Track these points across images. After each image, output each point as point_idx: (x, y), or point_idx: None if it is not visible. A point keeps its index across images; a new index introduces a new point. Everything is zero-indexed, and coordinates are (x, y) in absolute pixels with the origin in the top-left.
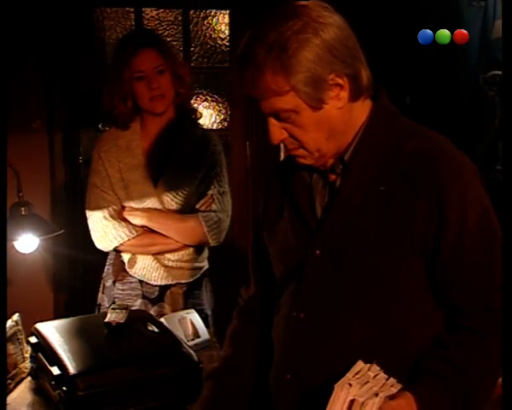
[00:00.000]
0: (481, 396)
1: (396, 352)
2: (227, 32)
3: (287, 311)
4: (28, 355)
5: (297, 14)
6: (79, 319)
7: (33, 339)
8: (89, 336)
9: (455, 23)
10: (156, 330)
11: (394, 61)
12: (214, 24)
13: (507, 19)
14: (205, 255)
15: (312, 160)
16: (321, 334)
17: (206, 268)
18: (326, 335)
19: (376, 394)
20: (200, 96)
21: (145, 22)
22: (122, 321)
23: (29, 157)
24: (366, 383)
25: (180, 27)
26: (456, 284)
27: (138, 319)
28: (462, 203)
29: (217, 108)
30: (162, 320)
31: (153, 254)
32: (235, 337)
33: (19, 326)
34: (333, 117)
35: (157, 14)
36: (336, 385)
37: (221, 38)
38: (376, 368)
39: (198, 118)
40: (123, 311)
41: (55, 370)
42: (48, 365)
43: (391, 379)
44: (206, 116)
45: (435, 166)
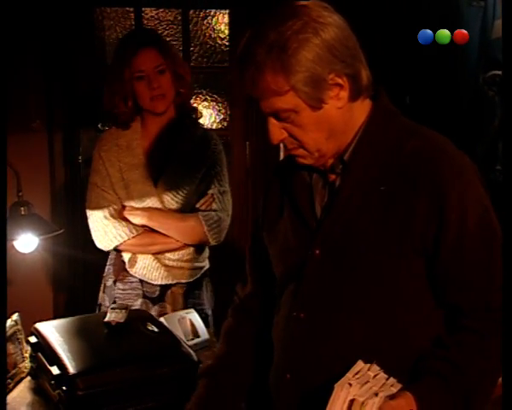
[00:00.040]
0: (481, 396)
1: (396, 352)
2: (227, 32)
3: (287, 311)
4: (28, 355)
5: (297, 13)
6: (79, 319)
7: (33, 339)
8: (88, 335)
9: (455, 23)
10: (156, 329)
11: (394, 61)
12: (214, 24)
13: (507, 19)
14: (205, 255)
15: (312, 160)
16: (321, 334)
17: (206, 268)
18: (326, 335)
19: (376, 393)
20: (199, 95)
21: (145, 22)
22: (122, 321)
23: (29, 157)
24: (366, 382)
25: (180, 27)
26: (456, 284)
27: (138, 319)
28: (462, 203)
29: (216, 108)
30: (162, 320)
31: (153, 253)
32: (230, 335)
33: (18, 326)
34: (333, 117)
35: (156, 13)
36: (336, 385)
37: (221, 38)
38: (376, 368)
39: (198, 117)
40: (122, 311)
41: (55, 369)
42: (47, 364)
43: (391, 379)
44: (205, 116)
45: (435, 166)
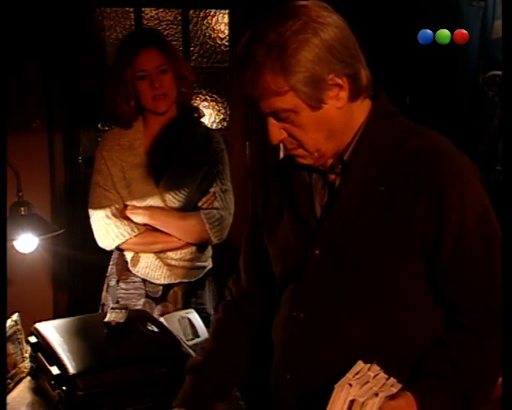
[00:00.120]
0: (481, 396)
1: (396, 352)
2: (226, 32)
3: (286, 311)
4: (28, 355)
5: (296, 14)
6: (79, 319)
7: (33, 339)
8: (88, 335)
9: (454, 23)
10: (156, 329)
11: (394, 61)
12: (214, 24)
13: (507, 19)
14: (208, 254)
15: (312, 160)
16: (321, 334)
17: (209, 268)
18: (326, 335)
19: (376, 394)
20: (199, 96)
21: (144, 22)
22: (122, 321)
23: (29, 157)
24: (366, 383)
25: (179, 27)
26: (456, 284)
27: (138, 319)
28: (461, 203)
29: (216, 108)
30: (162, 320)
31: (155, 252)
32: (218, 331)
33: (18, 326)
34: (332, 117)
35: (156, 13)
36: (336, 385)
37: (220, 38)
38: (376, 368)
39: (200, 116)
40: (122, 311)
41: (55, 369)
42: (47, 364)
43: (391, 379)
44: (205, 116)
45: (435, 165)
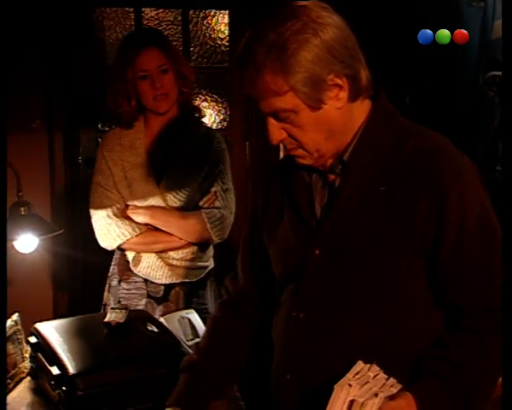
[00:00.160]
0: (481, 396)
1: (396, 352)
2: (226, 32)
3: (286, 311)
4: (28, 355)
5: (296, 14)
6: (79, 319)
7: (33, 339)
8: (88, 336)
9: (454, 23)
10: (156, 330)
11: (394, 61)
12: (214, 24)
13: (507, 19)
14: (210, 254)
15: (311, 160)
16: (321, 334)
17: (211, 267)
18: (326, 335)
19: (376, 394)
20: (199, 96)
21: (144, 22)
22: (122, 321)
23: (29, 157)
24: (366, 383)
25: (179, 27)
26: (456, 284)
27: (138, 319)
28: (461, 203)
29: (216, 108)
30: (161, 320)
31: (156, 252)
32: (214, 329)
33: (18, 326)
34: (332, 117)
35: (156, 14)
36: (336, 386)
37: (220, 38)
38: (376, 368)
39: (201, 116)
40: (122, 311)
41: (55, 370)
42: (47, 365)
43: (391, 379)
44: (205, 116)
45: (435, 165)
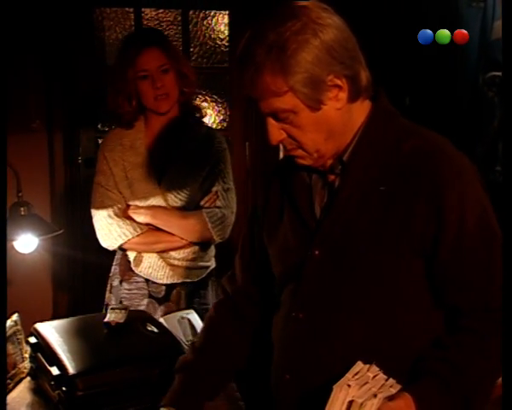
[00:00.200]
0: (481, 397)
1: (396, 352)
2: (226, 33)
3: (286, 311)
4: (27, 355)
5: (296, 14)
6: (79, 319)
7: (32, 339)
8: (88, 336)
9: (454, 24)
10: (155, 330)
11: (394, 62)
12: (214, 24)
13: (507, 20)
14: (211, 254)
15: (311, 160)
16: (320, 334)
17: (212, 267)
18: (325, 335)
19: (375, 395)
20: (199, 96)
21: (144, 22)
22: (121, 321)
23: (28, 157)
24: (365, 383)
25: (179, 28)
26: (455, 285)
27: (137, 320)
28: (461, 204)
29: (216, 109)
30: (161, 320)
31: (158, 251)
32: (210, 329)
33: (18, 326)
34: (331, 118)
35: (156, 14)
36: (335, 386)
37: (220, 39)
38: (376, 369)
39: (202, 116)
40: (122, 311)
41: (55, 370)
42: (47, 365)
43: (390, 380)
44: (206, 116)
45: (434, 166)
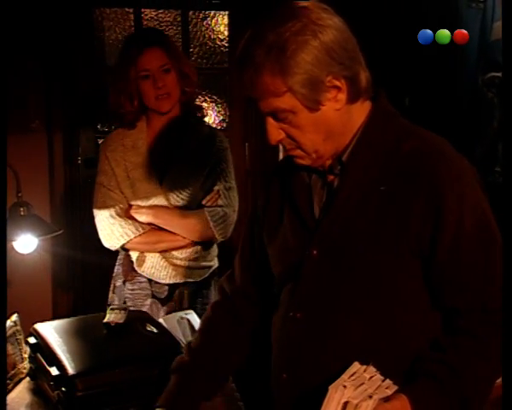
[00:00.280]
0: (478, 398)
1: (394, 352)
2: (226, 33)
3: (284, 311)
4: (27, 356)
5: (296, 15)
6: (78, 320)
7: (32, 339)
8: (88, 336)
9: (454, 24)
10: (155, 330)
11: (394, 62)
12: (213, 25)
13: (507, 21)
14: (214, 254)
15: (310, 160)
16: (318, 334)
17: (215, 267)
18: (323, 335)
19: (370, 396)
20: (199, 96)
21: (144, 23)
22: (121, 322)
23: (28, 157)
24: (361, 384)
25: (179, 28)
26: (452, 285)
27: (137, 320)
28: (460, 205)
29: (216, 109)
30: (161, 321)
31: (160, 251)
32: (206, 330)
33: (17, 327)
34: (330, 118)
35: (156, 14)
36: (330, 387)
37: (220, 39)
38: (372, 370)
39: (204, 115)
40: (122, 311)
41: (54, 370)
42: (46, 365)
43: (387, 381)
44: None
45: (433, 167)
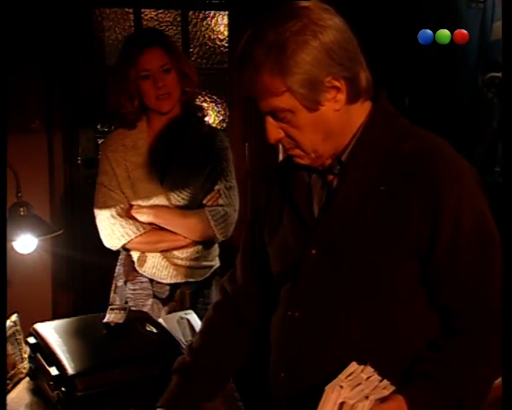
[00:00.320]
0: (475, 399)
1: (394, 352)
2: (226, 33)
3: (283, 310)
4: (27, 356)
5: (297, 15)
6: (78, 320)
7: (32, 339)
8: (87, 336)
9: (454, 25)
10: (154, 330)
11: (394, 62)
12: (213, 25)
13: (507, 21)
14: (215, 253)
15: (309, 160)
16: (316, 333)
17: (216, 267)
18: (322, 334)
19: (367, 396)
20: (199, 96)
21: (144, 23)
22: (121, 322)
23: (28, 157)
24: (358, 385)
25: (179, 28)
26: (450, 286)
27: (137, 320)
28: (458, 205)
29: (215, 109)
30: (160, 321)
31: (161, 251)
32: (208, 331)
33: (17, 327)
34: (329, 119)
35: (156, 14)
36: (327, 387)
37: (220, 39)
38: (370, 370)
39: (204, 115)
40: (121, 311)
41: (54, 370)
42: (46, 365)
43: (384, 381)
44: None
45: (432, 167)
